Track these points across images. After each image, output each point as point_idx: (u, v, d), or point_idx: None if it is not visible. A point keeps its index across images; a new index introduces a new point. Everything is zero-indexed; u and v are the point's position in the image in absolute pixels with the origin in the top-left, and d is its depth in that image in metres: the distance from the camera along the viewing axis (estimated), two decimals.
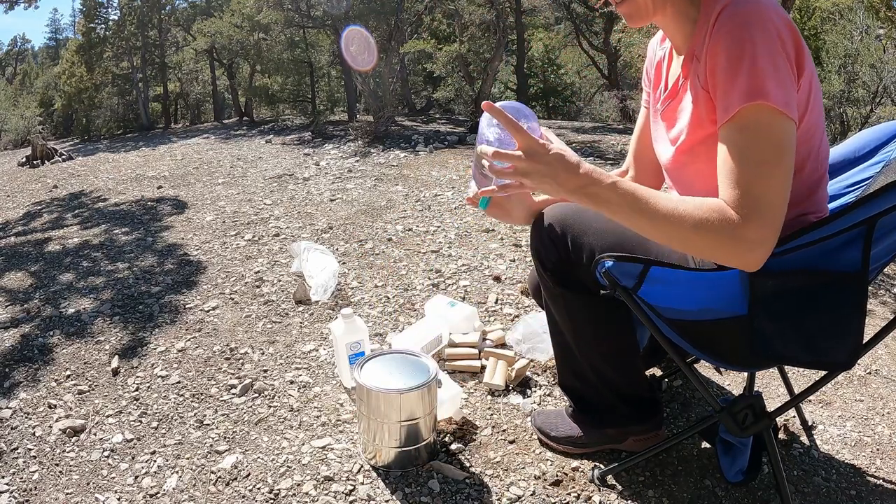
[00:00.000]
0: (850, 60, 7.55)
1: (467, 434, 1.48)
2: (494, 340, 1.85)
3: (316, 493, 1.31)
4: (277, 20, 8.66)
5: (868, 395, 1.67)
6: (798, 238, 0.97)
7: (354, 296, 2.34)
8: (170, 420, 1.62)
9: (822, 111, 1.01)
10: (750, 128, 0.90)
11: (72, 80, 12.45)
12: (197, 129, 9.98)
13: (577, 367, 1.32)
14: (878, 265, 1.12)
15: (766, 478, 1.32)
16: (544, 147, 0.99)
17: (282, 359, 1.91)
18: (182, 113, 15.15)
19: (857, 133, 1.37)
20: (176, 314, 2.28)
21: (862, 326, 1.00)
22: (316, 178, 4.54)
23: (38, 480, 1.42)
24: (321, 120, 8.20)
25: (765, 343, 1.06)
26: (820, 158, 1.03)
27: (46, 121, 16.74)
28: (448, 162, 4.80)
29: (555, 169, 0.98)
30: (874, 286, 2.36)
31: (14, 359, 2.02)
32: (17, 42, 49.83)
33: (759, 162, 0.89)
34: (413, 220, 3.30)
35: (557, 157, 0.98)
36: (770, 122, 0.89)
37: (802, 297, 1.01)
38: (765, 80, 0.88)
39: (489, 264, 2.57)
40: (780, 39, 0.89)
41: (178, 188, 4.58)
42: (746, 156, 0.89)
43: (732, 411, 1.14)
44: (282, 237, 3.13)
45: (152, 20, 12.35)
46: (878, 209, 0.93)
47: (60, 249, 3.23)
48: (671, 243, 0.95)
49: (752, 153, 0.89)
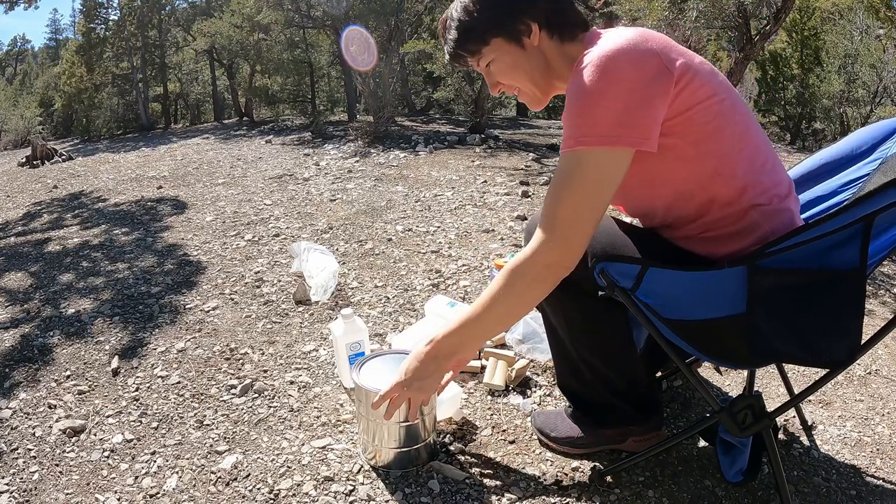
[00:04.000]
0: (850, 60, 7.55)
1: (467, 434, 1.48)
2: (494, 340, 1.85)
3: (316, 494, 1.31)
4: (277, 20, 8.66)
5: (868, 395, 1.67)
6: (795, 236, 0.97)
7: (354, 296, 2.34)
8: (170, 420, 1.62)
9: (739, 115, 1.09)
10: (563, 163, 1.05)
11: (72, 80, 12.44)
12: (197, 129, 9.98)
13: (575, 368, 1.33)
14: (874, 261, 1.13)
15: (765, 478, 1.32)
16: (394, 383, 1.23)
17: (282, 359, 1.91)
18: (182, 113, 15.14)
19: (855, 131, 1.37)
20: (176, 314, 2.28)
21: (860, 324, 1.00)
22: (316, 178, 4.54)
23: (38, 481, 1.42)
24: (321, 120, 8.20)
25: (763, 341, 1.06)
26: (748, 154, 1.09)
27: (46, 121, 16.72)
28: (448, 162, 4.80)
29: (409, 372, 1.22)
30: (874, 286, 2.36)
31: (14, 359, 2.02)
32: (17, 42, 49.84)
33: (568, 193, 1.04)
34: (413, 220, 3.30)
35: (402, 371, 1.23)
36: (579, 162, 1.03)
37: (801, 295, 1.01)
38: (584, 128, 1.01)
39: (489, 264, 2.57)
40: (627, 74, 1.00)
41: (178, 188, 4.58)
42: (555, 188, 1.06)
43: (732, 411, 1.14)
44: (282, 237, 3.13)
45: (152, 20, 12.34)
46: (875, 207, 0.93)
47: (60, 250, 3.23)
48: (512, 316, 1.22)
49: (558, 186, 1.06)
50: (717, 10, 3.94)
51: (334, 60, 10.73)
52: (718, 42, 7.22)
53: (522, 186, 3.87)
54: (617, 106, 0.99)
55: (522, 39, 1.16)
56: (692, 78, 1.03)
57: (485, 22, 1.16)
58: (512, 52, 1.17)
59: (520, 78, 1.19)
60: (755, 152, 1.09)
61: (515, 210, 3.38)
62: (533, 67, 1.18)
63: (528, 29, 1.15)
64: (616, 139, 1.00)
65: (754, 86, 8.35)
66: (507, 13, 1.15)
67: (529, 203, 3.56)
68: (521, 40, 1.16)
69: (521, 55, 1.17)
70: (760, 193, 1.08)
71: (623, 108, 0.99)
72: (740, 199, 1.08)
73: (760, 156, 1.10)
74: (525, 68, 1.18)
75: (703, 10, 3.96)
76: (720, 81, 1.09)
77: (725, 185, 1.08)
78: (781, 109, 8.13)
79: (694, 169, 1.08)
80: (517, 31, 1.15)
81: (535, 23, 1.15)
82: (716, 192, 1.08)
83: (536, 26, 1.15)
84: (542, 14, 1.15)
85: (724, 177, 1.07)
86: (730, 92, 1.09)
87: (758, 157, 1.09)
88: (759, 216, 1.08)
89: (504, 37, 1.16)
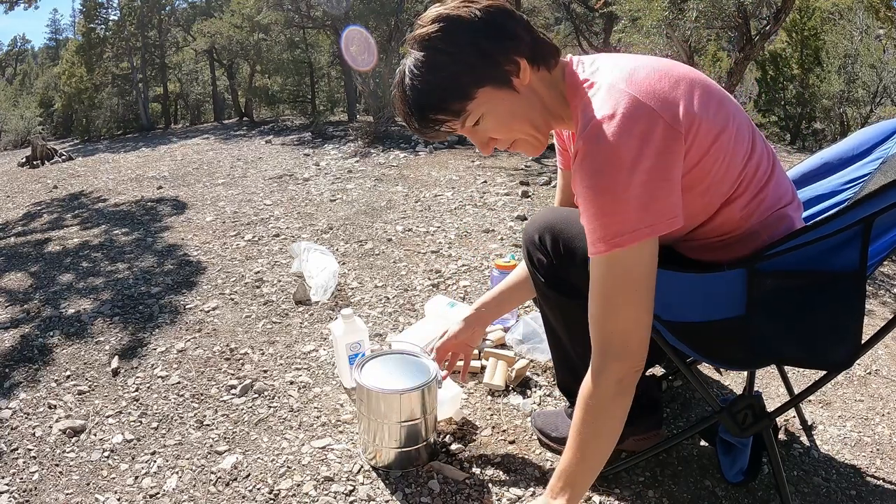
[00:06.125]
0: (850, 60, 7.54)
1: (467, 434, 1.49)
2: (494, 341, 1.85)
3: (316, 494, 1.31)
4: (277, 20, 8.66)
5: (868, 396, 1.67)
6: (795, 238, 0.97)
7: (354, 296, 2.34)
8: (170, 420, 1.62)
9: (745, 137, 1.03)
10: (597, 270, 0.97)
11: (72, 80, 12.44)
12: (197, 129, 9.97)
13: (574, 368, 1.33)
14: (874, 263, 1.13)
15: (766, 478, 1.32)
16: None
17: (282, 359, 1.91)
18: (182, 113, 15.14)
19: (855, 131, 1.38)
20: (176, 314, 2.28)
21: (860, 326, 1.00)
22: (316, 178, 4.54)
23: (38, 481, 1.42)
24: (321, 120, 8.20)
25: (763, 343, 1.06)
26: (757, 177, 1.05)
27: (46, 121, 16.73)
28: (448, 162, 4.80)
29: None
30: (874, 286, 2.36)
31: (14, 359, 2.02)
32: (17, 42, 49.84)
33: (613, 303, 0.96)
34: (413, 220, 3.30)
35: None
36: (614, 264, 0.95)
37: (800, 297, 1.01)
38: (608, 228, 0.92)
39: (489, 264, 2.57)
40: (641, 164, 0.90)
41: (178, 188, 4.58)
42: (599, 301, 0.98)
43: (732, 411, 1.14)
44: (282, 237, 3.13)
45: (152, 20, 12.34)
46: (874, 209, 0.93)
47: (60, 250, 3.23)
48: (612, 444, 1.04)
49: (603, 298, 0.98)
50: (717, 10, 3.94)
51: (334, 60, 10.74)
52: (718, 42, 7.23)
53: (522, 186, 3.87)
54: (641, 195, 0.90)
55: (512, 81, 0.99)
56: (699, 127, 0.94)
57: (464, 71, 0.97)
58: (505, 100, 1.00)
59: (519, 126, 1.03)
60: (762, 173, 1.06)
61: (515, 210, 3.38)
62: (531, 111, 1.03)
63: (516, 67, 0.98)
64: (651, 230, 0.91)
65: (754, 86, 8.35)
66: (489, 54, 0.97)
67: (529, 203, 3.56)
68: (511, 83, 0.99)
69: (516, 100, 1.00)
70: (766, 209, 1.06)
71: (649, 197, 0.91)
72: (745, 223, 1.06)
73: (765, 174, 1.06)
74: (523, 114, 1.02)
75: (703, 10, 3.96)
76: (719, 102, 1.00)
77: (731, 212, 1.04)
78: (781, 109, 8.12)
79: (703, 201, 1.03)
80: (505, 72, 0.98)
81: (522, 57, 0.98)
82: (724, 216, 1.05)
83: (524, 62, 0.99)
84: (524, 45, 0.99)
85: (732, 202, 1.04)
86: (735, 115, 1.02)
87: (763, 176, 1.06)
88: (761, 227, 1.06)
89: (492, 84, 0.98)
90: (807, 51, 7.91)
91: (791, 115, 8.08)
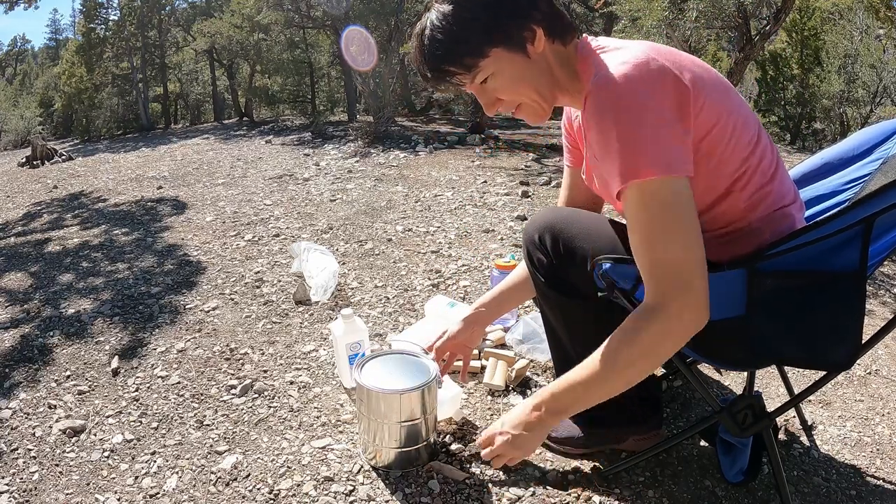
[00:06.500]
0: (850, 60, 7.55)
1: (467, 434, 1.48)
2: (494, 340, 1.85)
3: (316, 494, 1.31)
4: (277, 20, 8.66)
5: (868, 396, 1.67)
6: (796, 238, 0.97)
7: (354, 296, 2.34)
8: (170, 420, 1.62)
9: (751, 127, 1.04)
10: (633, 206, 0.95)
11: (72, 80, 12.45)
12: (197, 129, 9.98)
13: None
14: (874, 263, 1.13)
15: (766, 478, 1.32)
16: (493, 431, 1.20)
17: (282, 359, 1.91)
18: (182, 113, 15.15)
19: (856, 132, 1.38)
20: (176, 314, 2.28)
21: (860, 326, 1.00)
22: (316, 178, 4.54)
23: (38, 481, 1.42)
24: (321, 120, 8.21)
25: (763, 343, 1.06)
26: (762, 167, 1.05)
27: (46, 121, 16.73)
28: (448, 162, 4.80)
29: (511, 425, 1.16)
30: (874, 286, 2.36)
31: (14, 359, 2.02)
32: (17, 42, 49.84)
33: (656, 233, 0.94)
34: (413, 220, 3.30)
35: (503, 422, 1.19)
36: (652, 194, 0.93)
37: (801, 298, 1.01)
38: (634, 157, 0.92)
39: (489, 264, 2.57)
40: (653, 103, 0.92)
41: (178, 188, 4.58)
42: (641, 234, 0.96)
43: (732, 411, 1.14)
44: (282, 237, 3.13)
45: (152, 20, 12.35)
46: (875, 209, 0.93)
47: (60, 250, 3.23)
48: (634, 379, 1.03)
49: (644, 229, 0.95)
50: (717, 10, 3.94)
51: (334, 60, 10.73)
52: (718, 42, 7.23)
53: (522, 186, 3.87)
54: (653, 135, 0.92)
55: (527, 47, 1.03)
56: (706, 98, 0.97)
57: (482, 30, 1.02)
58: (515, 63, 1.04)
59: (525, 91, 1.07)
60: (767, 165, 1.06)
61: (515, 210, 3.38)
62: (539, 78, 1.06)
63: (532, 34, 1.03)
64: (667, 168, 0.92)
65: (754, 86, 8.36)
66: (509, 18, 1.02)
67: (529, 203, 3.56)
68: (525, 48, 1.03)
69: (526, 65, 1.04)
70: (769, 205, 1.06)
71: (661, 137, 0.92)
72: (750, 215, 1.06)
73: (770, 167, 1.07)
74: (530, 80, 1.06)
75: (703, 10, 3.97)
76: (726, 89, 1.03)
77: (736, 200, 1.05)
78: (781, 109, 8.13)
79: (707, 183, 1.04)
80: (521, 37, 1.03)
81: (539, 27, 1.03)
82: (728, 204, 1.05)
83: (541, 31, 1.03)
84: (543, 16, 1.04)
85: (736, 193, 1.04)
86: (741, 105, 1.04)
87: (769, 169, 1.06)
88: (762, 224, 1.06)
89: (506, 46, 1.03)
90: (807, 51, 7.91)
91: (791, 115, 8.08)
